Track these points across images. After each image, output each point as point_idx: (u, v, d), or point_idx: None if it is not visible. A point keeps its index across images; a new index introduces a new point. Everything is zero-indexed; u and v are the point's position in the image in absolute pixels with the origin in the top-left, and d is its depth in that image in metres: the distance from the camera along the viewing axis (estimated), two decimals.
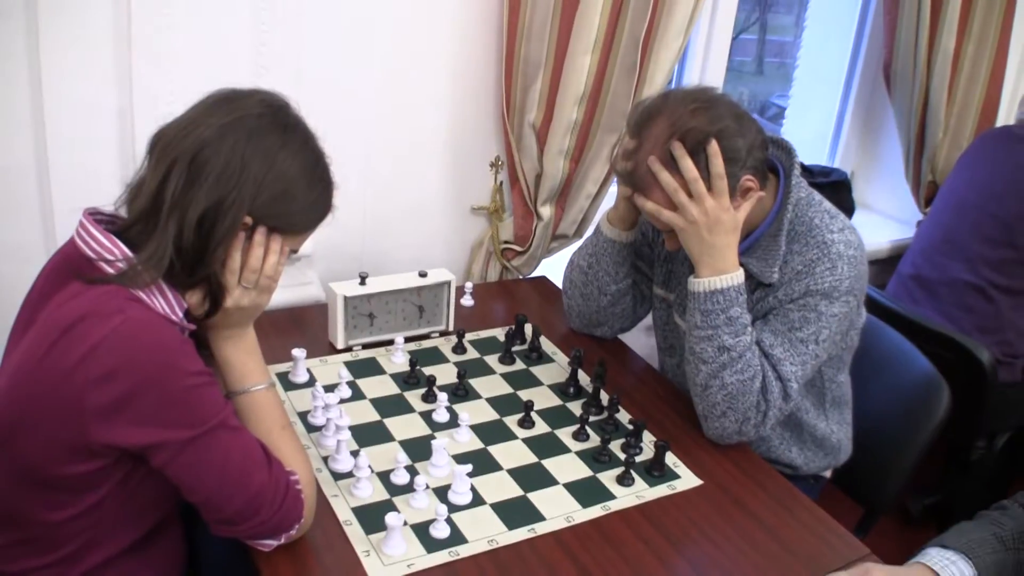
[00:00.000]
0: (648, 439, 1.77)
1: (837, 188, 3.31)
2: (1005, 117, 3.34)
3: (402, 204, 2.36)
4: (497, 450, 1.70)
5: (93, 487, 1.29)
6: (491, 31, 2.28)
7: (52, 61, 1.80)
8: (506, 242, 2.47)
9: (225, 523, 1.32)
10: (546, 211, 2.39)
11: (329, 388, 1.77)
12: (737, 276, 1.75)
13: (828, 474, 2.11)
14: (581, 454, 1.71)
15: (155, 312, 1.28)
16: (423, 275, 2.02)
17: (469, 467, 1.56)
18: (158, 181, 1.28)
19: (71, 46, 1.81)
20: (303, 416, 1.73)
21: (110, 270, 1.27)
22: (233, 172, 1.28)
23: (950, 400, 2.07)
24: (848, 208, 3.39)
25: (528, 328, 2.08)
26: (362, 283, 1.96)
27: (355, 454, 1.58)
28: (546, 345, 2.08)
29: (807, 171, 3.33)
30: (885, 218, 3.59)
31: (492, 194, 2.44)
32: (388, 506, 1.52)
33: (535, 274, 2.54)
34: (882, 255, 3.35)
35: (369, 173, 2.26)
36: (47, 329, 1.24)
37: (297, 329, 2.05)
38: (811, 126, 3.64)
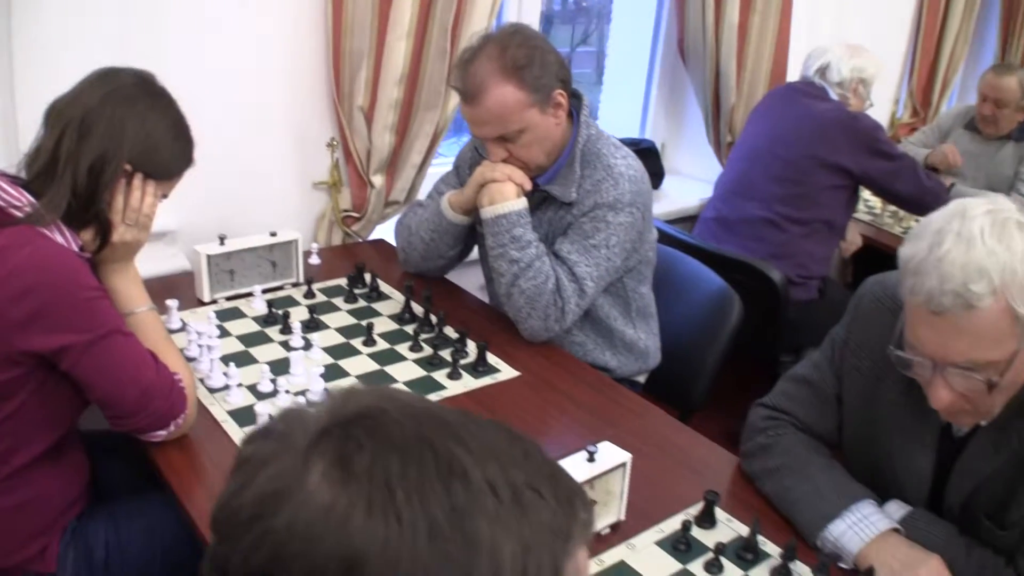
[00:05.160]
0: (472, 346, 2.12)
1: (645, 155, 3.70)
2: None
3: (253, 184, 2.67)
4: (346, 363, 2.04)
5: (13, 394, 1.56)
6: (319, 30, 2.61)
7: None
8: (345, 210, 2.81)
9: (122, 417, 1.62)
10: (378, 180, 2.74)
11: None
12: (518, 203, 2.13)
13: (642, 379, 2.49)
14: (417, 361, 2.07)
15: (57, 243, 1.58)
16: (273, 234, 2.35)
17: (322, 368, 1.90)
18: (54, 141, 1.59)
19: None
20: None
21: (18, 214, 1.56)
22: (114, 130, 1.61)
23: (741, 309, 2.46)
24: (658, 173, 3.85)
25: (367, 276, 2.42)
26: (221, 243, 2.27)
27: (226, 375, 1.90)
28: (384, 287, 2.42)
29: None
30: (694, 180, 4.03)
31: (330, 170, 2.78)
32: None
33: (373, 237, 2.88)
34: (692, 212, 3.78)
35: (222, 160, 2.50)
36: None
37: (168, 293, 2.28)
38: (624, 107, 4.06)
